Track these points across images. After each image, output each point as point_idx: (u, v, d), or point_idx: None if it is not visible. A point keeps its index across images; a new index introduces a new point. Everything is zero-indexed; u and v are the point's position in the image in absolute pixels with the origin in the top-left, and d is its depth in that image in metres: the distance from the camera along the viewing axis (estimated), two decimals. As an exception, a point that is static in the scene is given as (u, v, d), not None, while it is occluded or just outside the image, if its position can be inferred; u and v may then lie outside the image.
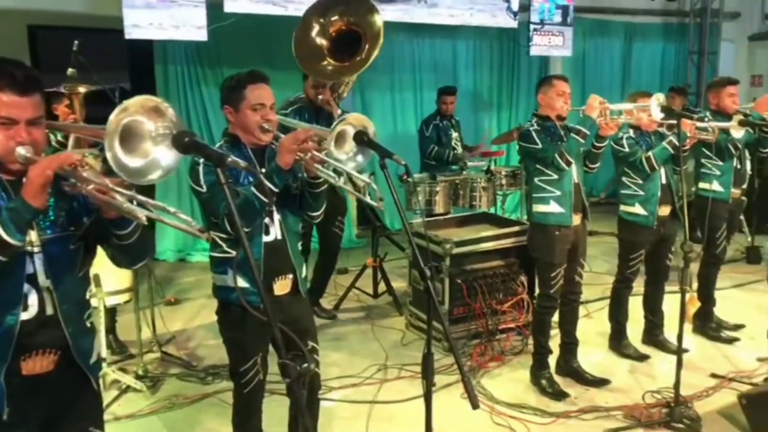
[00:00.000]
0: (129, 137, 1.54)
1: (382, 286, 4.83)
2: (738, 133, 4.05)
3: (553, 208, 3.42)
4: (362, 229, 6.30)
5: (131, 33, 4.90)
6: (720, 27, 8.35)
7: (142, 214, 1.51)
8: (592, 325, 4.39)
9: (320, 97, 3.97)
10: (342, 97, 4.00)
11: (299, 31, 3.59)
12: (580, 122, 3.37)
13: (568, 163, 3.33)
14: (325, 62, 3.62)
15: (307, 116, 4.03)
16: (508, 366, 3.84)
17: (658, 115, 3.42)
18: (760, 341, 3.84)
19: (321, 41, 3.58)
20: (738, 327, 4.36)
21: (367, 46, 3.59)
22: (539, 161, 3.42)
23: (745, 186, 4.79)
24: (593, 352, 4.02)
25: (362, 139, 2.47)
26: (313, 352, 2.44)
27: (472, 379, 3.63)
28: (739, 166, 4.32)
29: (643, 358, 3.91)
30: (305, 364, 1.69)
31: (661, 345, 4.01)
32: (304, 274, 2.54)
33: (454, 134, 5.66)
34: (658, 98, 3.36)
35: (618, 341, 4.02)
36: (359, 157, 2.39)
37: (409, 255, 4.23)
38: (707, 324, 4.29)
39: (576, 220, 3.46)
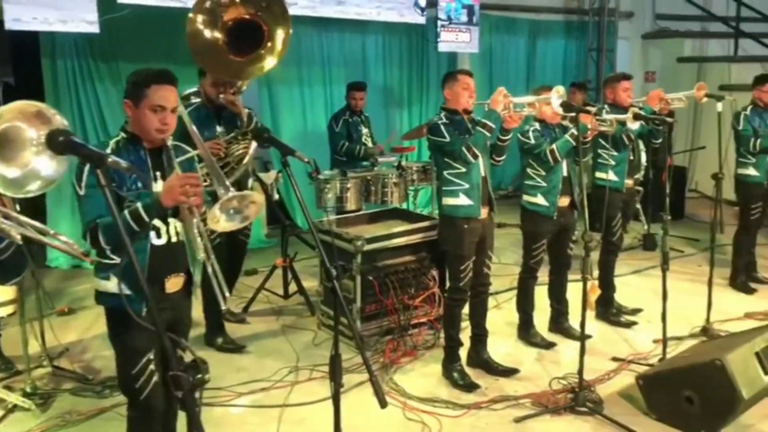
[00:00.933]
0: (6, 145, 1.44)
1: (293, 287, 4.76)
2: (634, 125, 4.29)
3: (462, 200, 3.50)
4: (271, 229, 6.21)
5: (12, 25, 4.55)
6: (616, 26, 8.84)
7: (16, 233, 1.39)
8: (501, 316, 4.53)
9: (222, 96, 3.72)
10: (241, 90, 3.83)
11: (190, 25, 3.36)
12: (485, 116, 3.46)
13: (475, 156, 3.40)
14: (228, 58, 3.42)
15: (206, 117, 3.80)
16: (421, 360, 3.89)
17: (558, 108, 3.54)
18: (656, 324, 4.09)
19: (215, 34, 3.36)
20: (636, 311, 4.63)
21: (273, 39, 3.45)
22: (447, 154, 3.48)
23: (638, 176, 5.11)
24: (503, 342, 4.15)
25: (263, 137, 2.42)
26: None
27: (385, 376, 3.66)
28: (632, 157, 4.58)
29: (549, 345, 4.08)
30: (199, 375, 1.63)
31: (567, 332, 4.19)
32: (197, 277, 2.46)
33: (364, 130, 5.66)
34: (558, 91, 3.49)
35: (526, 330, 4.17)
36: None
37: (319, 254, 4.17)
38: (608, 310, 4.53)
39: (484, 212, 3.55)
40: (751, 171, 5.08)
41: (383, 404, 2.09)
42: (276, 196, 4.72)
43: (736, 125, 5.10)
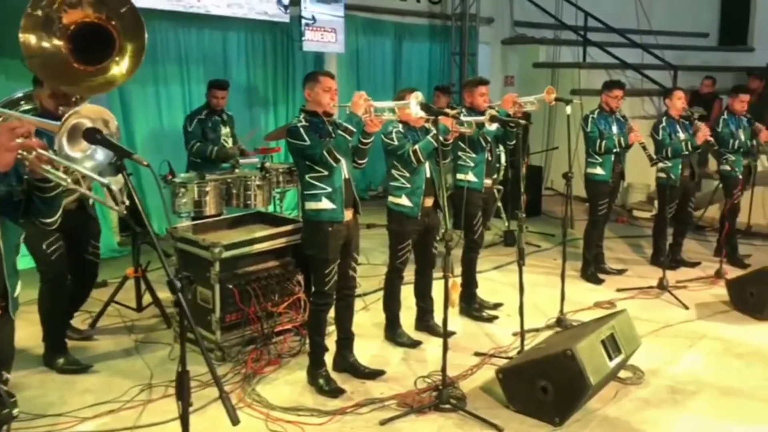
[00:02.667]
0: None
1: (147, 298, 4.46)
2: (491, 127, 4.48)
3: (325, 204, 3.45)
4: (124, 237, 5.80)
5: None
6: (477, 31, 9.25)
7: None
8: (369, 317, 4.54)
9: (62, 109, 3.21)
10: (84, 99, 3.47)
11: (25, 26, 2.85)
12: (346, 119, 3.42)
13: (336, 160, 3.36)
14: (72, 68, 2.94)
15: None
16: (286, 368, 3.80)
17: (417, 112, 3.58)
18: (516, 317, 4.28)
19: (54, 41, 2.90)
20: (498, 305, 4.84)
21: (121, 46, 3.06)
22: (308, 158, 3.42)
23: (497, 176, 5.34)
24: (370, 343, 4.15)
25: (95, 138, 2.20)
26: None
27: (247, 387, 3.53)
28: (490, 158, 4.78)
29: (415, 344, 4.14)
30: (5, 410, 1.44)
31: (432, 330, 4.28)
32: (17, 293, 2.19)
33: (224, 130, 5.45)
34: (417, 97, 3.52)
35: (393, 330, 4.20)
36: (98, 155, 2.13)
37: (176, 262, 3.95)
38: (471, 305, 4.69)
39: (348, 215, 3.52)
40: (599, 170, 5.49)
41: (234, 421, 1.97)
42: (126, 201, 4.39)
43: (585, 127, 5.49)
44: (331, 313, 3.69)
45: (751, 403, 3.54)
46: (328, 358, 3.68)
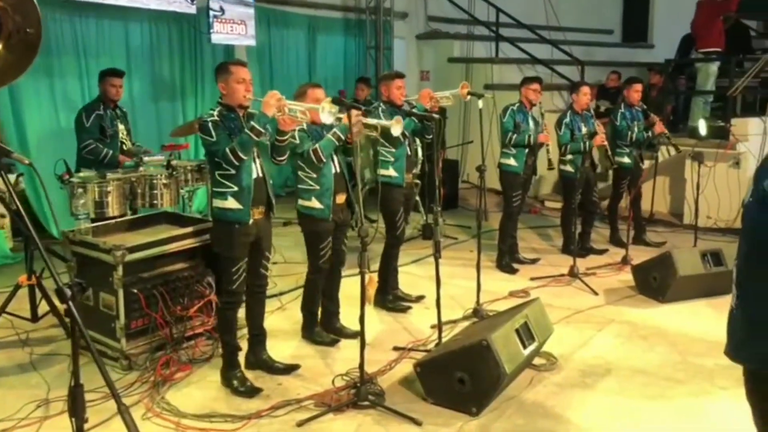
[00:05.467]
0: None
1: (44, 307, 4.16)
2: (396, 130, 4.44)
3: (231, 203, 3.34)
4: (18, 242, 5.42)
5: None
6: (392, 25, 9.28)
7: None
8: (286, 317, 4.45)
9: None
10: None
11: None
12: (256, 119, 3.29)
13: (239, 159, 3.25)
14: None
15: None
16: (198, 374, 3.65)
17: (329, 120, 3.45)
18: (435, 310, 4.33)
19: None
20: (420, 298, 4.86)
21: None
22: (214, 154, 3.30)
23: (416, 171, 5.38)
24: (287, 344, 4.07)
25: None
26: None
27: (156, 396, 3.37)
28: (409, 153, 4.79)
29: (334, 342, 4.08)
30: None
31: (339, 332, 4.18)
32: None
33: (121, 126, 5.14)
34: (325, 107, 3.33)
35: (310, 330, 4.13)
36: None
37: (73, 267, 3.71)
38: (389, 299, 4.70)
39: (257, 214, 3.43)
40: (512, 162, 5.63)
41: (135, 436, 1.86)
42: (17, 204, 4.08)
43: (502, 118, 5.61)
44: (243, 312, 3.59)
45: (655, 381, 3.73)
46: (241, 358, 3.58)
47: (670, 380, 3.72)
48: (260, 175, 3.41)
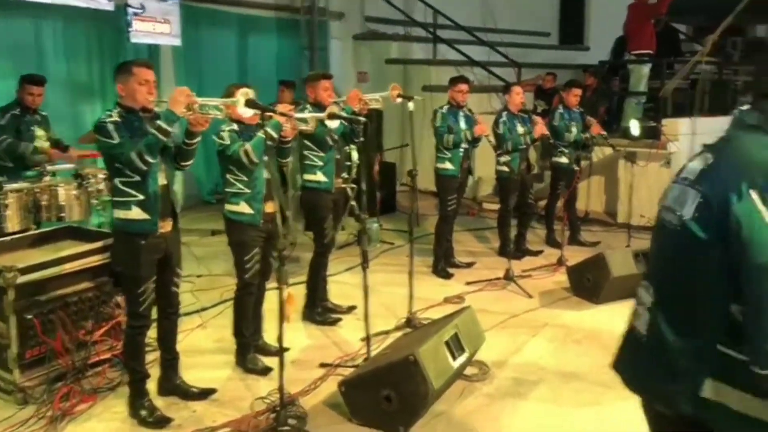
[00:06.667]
0: None
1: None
2: (333, 124, 4.27)
3: (136, 213, 3.05)
4: None
5: None
6: (328, 25, 9.05)
7: None
8: (208, 336, 4.17)
9: None
10: None
11: None
12: (164, 116, 3.05)
13: (146, 164, 2.97)
14: None
15: None
16: (102, 404, 3.32)
17: (246, 111, 3.27)
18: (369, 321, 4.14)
19: None
20: (350, 309, 4.66)
21: None
22: (116, 159, 3.01)
23: (348, 175, 5.18)
24: (207, 365, 3.78)
25: None
26: None
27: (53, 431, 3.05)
28: (338, 156, 4.59)
29: (267, 371, 3.71)
30: None
31: (262, 350, 3.91)
32: None
33: (39, 131, 4.79)
34: (246, 94, 3.21)
35: (243, 356, 3.77)
36: None
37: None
38: (318, 312, 4.47)
39: (165, 226, 3.15)
40: (447, 165, 5.52)
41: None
42: None
43: (434, 122, 5.50)
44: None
45: (588, 387, 3.64)
46: (153, 384, 3.29)
47: (603, 385, 3.62)
48: (164, 182, 3.14)
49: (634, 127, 6.93)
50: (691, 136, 7.17)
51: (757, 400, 1.38)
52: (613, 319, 4.59)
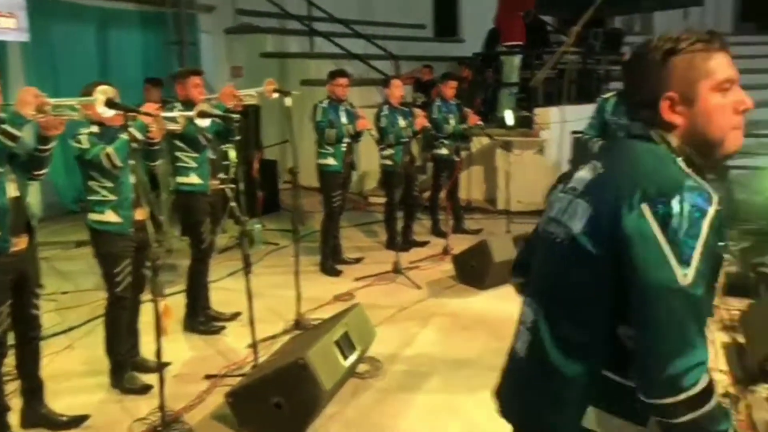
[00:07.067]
0: None
1: None
2: (204, 122, 4.11)
3: (-22, 232, 2.76)
4: None
5: None
6: (197, 18, 8.70)
7: None
8: (75, 357, 3.88)
9: None
10: None
11: None
12: (10, 119, 2.77)
13: None
14: None
15: None
16: (-47, 447, 3.02)
17: (105, 111, 3.05)
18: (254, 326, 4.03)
19: None
20: (235, 316, 4.51)
21: None
22: None
23: (226, 175, 5.01)
24: (77, 390, 3.52)
25: None
26: None
27: None
28: (214, 156, 4.43)
29: (147, 389, 3.51)
30: None
31: (140, 366, 3.71)
32: None
33: None
34: (104, 92, 3.00)
35: (118, 376, 3.53)
36: None
37: None
38: (200, 322, 4.31)
39: (19, 243, 2.88)
40: (330, 161, 5.49)
41: None
42: None
43: (314, 117, 5.45)
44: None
45: (478, 372, 3.75)
46: (15, 418, 3.01)
47: (494, 369, 3.72)
48: (15, 194, 2.86)
49: (509, 117, 7.27)
50: (561, 124, 7.63)
51: (639, 428, 1.29)
52: (498, 303, 4.82)
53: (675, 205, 1.19)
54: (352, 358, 3.43)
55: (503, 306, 4.70)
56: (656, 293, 1.18)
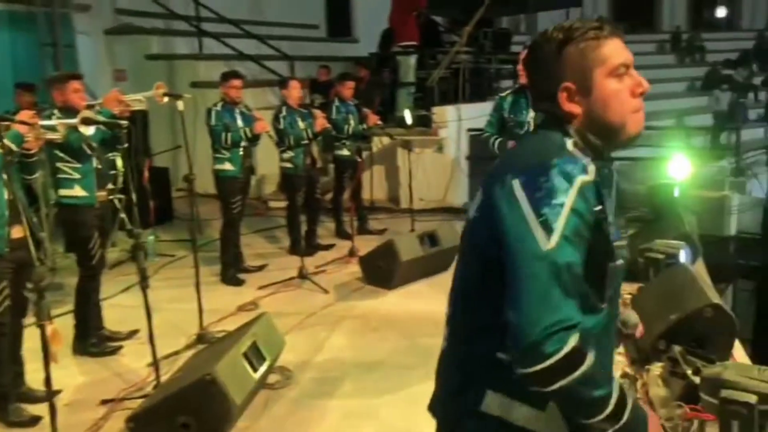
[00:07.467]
0: None
1: None
2: (88, 130, 3.87)
3: None
4: None
5: None
6: (71, 19, 8.19)
7: None
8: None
9: None
10: None
11: None
12: None
13: None
14: None
15: None
16: None
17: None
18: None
19: None
20: (132, 334, 4.30)
21: None
22: None
23: (114, 185, 4.76)
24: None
25: None
26: None
27: None
28: (99, 166, 4.20)
29: (35, 421, 3.25)
30: None
31: (26, 397, 3.44)
32: None
33: None
34: None
35: (4, 408, 3.25)
36: None
37: None
38: (93, 343, 4.07)
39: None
40: (227, 166, 5.36)
41: None
42: None
43: (209, 121, 5.29)
44: None
45: (390, 372, 3.81)
46: None
47: (405, 368, 3.82)
48: None
49: (408, 116, 7.40)
50: (457, 122, 7.87)
51: (538, 412, 1.30)
52: (407, 302, 4.90)
53: (542, 175, 1.23)
54: (262, 369, 3.36)
55: (412, 305, 4.80)
56: (521, 261, 1.21)
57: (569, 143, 1.33)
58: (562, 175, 1.22)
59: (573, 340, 1.16)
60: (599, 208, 1.25)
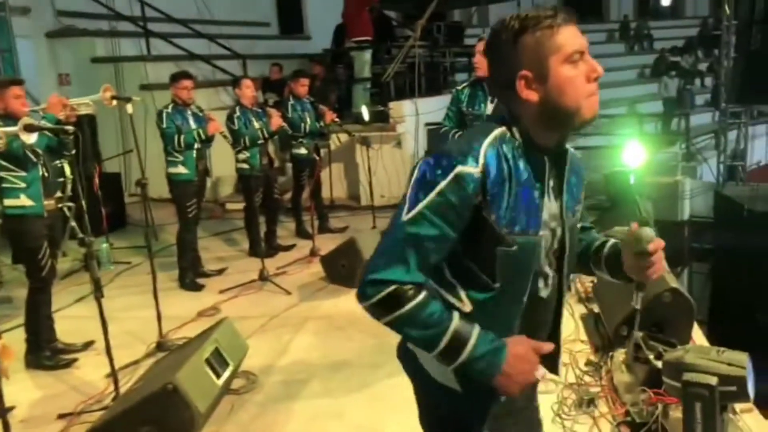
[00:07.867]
0: None
1: None
2: (31, 138, 3.75)
3: None
4: None
5: None
6: (9, 22, 7.90)
7: None
8: None
9: None
10: None
11: None
12: None
13: None
14: None
15: None
16: None
17: None
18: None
19: None
20: (88, 345, 4.18)
21: None
22: None
23: (62, 193, 4.62)
24: None
25: None
26: None
27: None
28: (46, 174, 4.08)
29: None
30: None
31: None
32: None
33: None
34: None
35: None
36: None
37: None
38: (46, 356, 3.96)
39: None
40: (181, 169, 5.26)
41: None
42: None
43: (160, 124, 5.19)
44: None
45: (357, 372, 3.79)
46: None
47: (371, 366, 3.82)
48: None
49: (365, 113, 7.39)
50: (415, 117, 7.90)
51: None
52: (371, 300, 4.88)
53: (432, 162, 1.39)
54: (226, 374, 3.30)
55: (376, 302, 4.79)
56: (390, 224, 1.42)
57: (497, 131, 1.41)
58: (447, 162, 1.36)
59: (388, 289, 1.37)
60: (479, 198, 1.37)
